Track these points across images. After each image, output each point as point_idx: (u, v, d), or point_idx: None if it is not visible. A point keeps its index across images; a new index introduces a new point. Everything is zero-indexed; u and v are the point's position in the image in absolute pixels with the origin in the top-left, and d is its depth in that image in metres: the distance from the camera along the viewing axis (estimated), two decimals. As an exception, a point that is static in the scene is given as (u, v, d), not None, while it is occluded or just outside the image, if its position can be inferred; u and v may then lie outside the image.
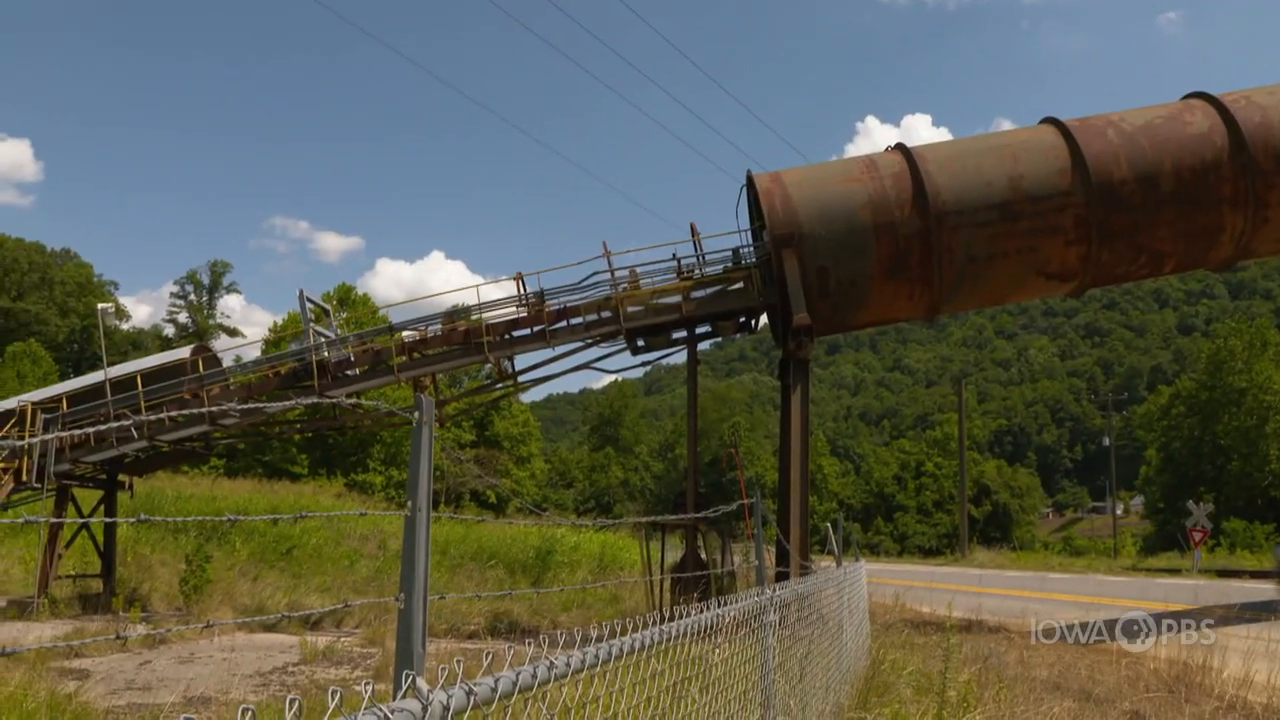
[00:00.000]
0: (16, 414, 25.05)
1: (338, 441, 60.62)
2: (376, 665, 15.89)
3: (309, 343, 23.36)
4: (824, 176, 22.12)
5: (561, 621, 23.03)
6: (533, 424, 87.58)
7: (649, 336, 22.79)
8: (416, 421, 2.74)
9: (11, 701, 9.99)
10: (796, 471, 20.71)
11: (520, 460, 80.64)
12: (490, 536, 37.52)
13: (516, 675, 2.74)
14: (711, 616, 5.02)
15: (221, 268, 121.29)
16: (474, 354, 22.81)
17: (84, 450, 24.14)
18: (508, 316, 22.84)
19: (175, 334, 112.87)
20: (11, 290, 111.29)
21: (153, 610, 24.35)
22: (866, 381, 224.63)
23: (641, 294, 22.22)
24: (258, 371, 25.22)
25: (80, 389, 26.41)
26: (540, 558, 35.02)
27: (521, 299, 22.69)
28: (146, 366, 26.15)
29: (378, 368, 23.21)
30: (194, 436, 24.71)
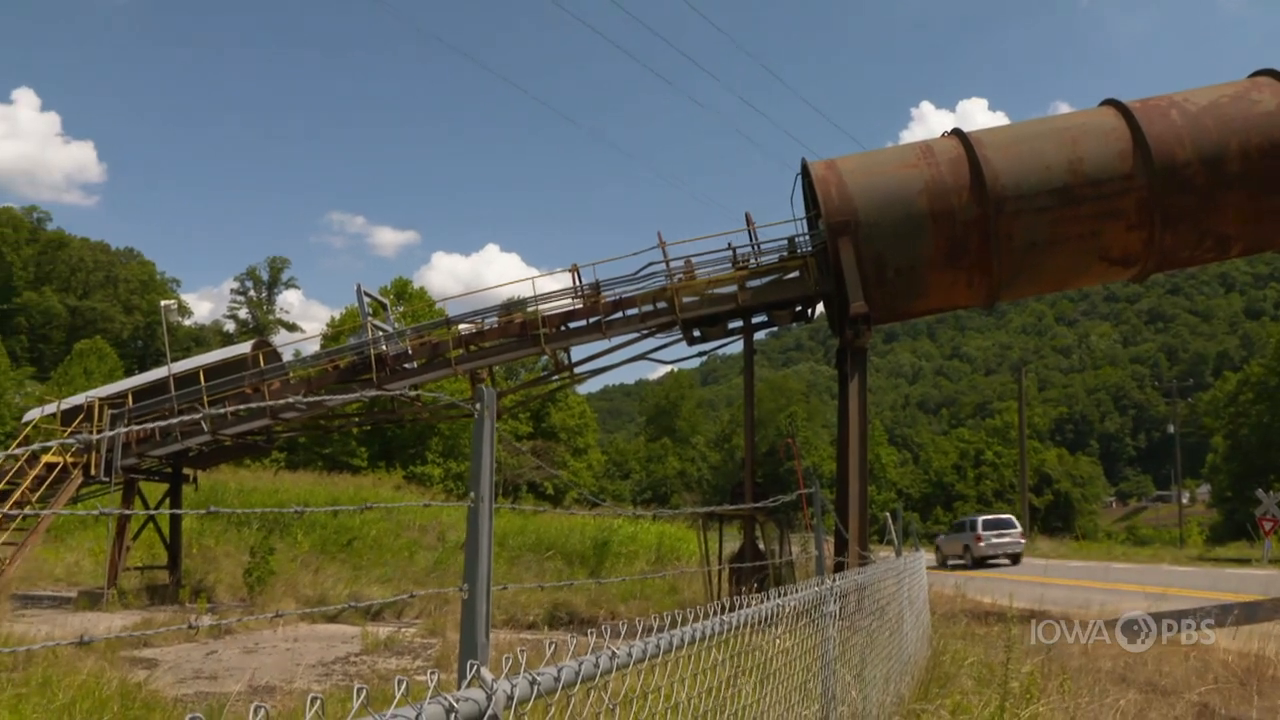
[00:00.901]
0: (85, 409, 25.58)
1: (396, 434, 61.16)
2: (437, 655, 16.04)
3: (367, 337, 23.59)
4: (880, 163, 21.91)
5: (620, 612, 23.09)
6: (589, 415, 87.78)
7: (705, 327, 22.74)
8: (478, 413, 2.74)
9: (85, 689, 10.20)
10: (855, 461, 20.58)
11: (577, 452, 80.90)
12: (547, 528, 37.71)
13: (579, 665, 2.74)
14: (771, 607, 5.00)
15: (280, 264, 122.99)
16: (530, 346, 22.89)
17: (149, 444, 24.58)
18: (564, 308, 22.88)
19: (236, 329, 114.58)
20: (78, 289, 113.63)
21: (218, 601, 24.77)
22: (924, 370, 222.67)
23: (697, 284, 22.17)
24: (317, 366, 25.52)
25: (145, 384, 26.91)
26: (597, 549, 35.13)
27: (577, 290, 22.72)
28: (208, 362, 26.59)
29: (435, 361, 23.37)
30: (255, 430, 25.07)
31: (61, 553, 31.81)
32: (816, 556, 7.81)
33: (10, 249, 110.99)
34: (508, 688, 2.32)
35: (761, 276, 22.39)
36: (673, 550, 38.45)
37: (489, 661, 2.55)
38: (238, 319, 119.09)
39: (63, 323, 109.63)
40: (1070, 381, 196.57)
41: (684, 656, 3.71)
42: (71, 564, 30.43)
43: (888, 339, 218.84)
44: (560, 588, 23.73)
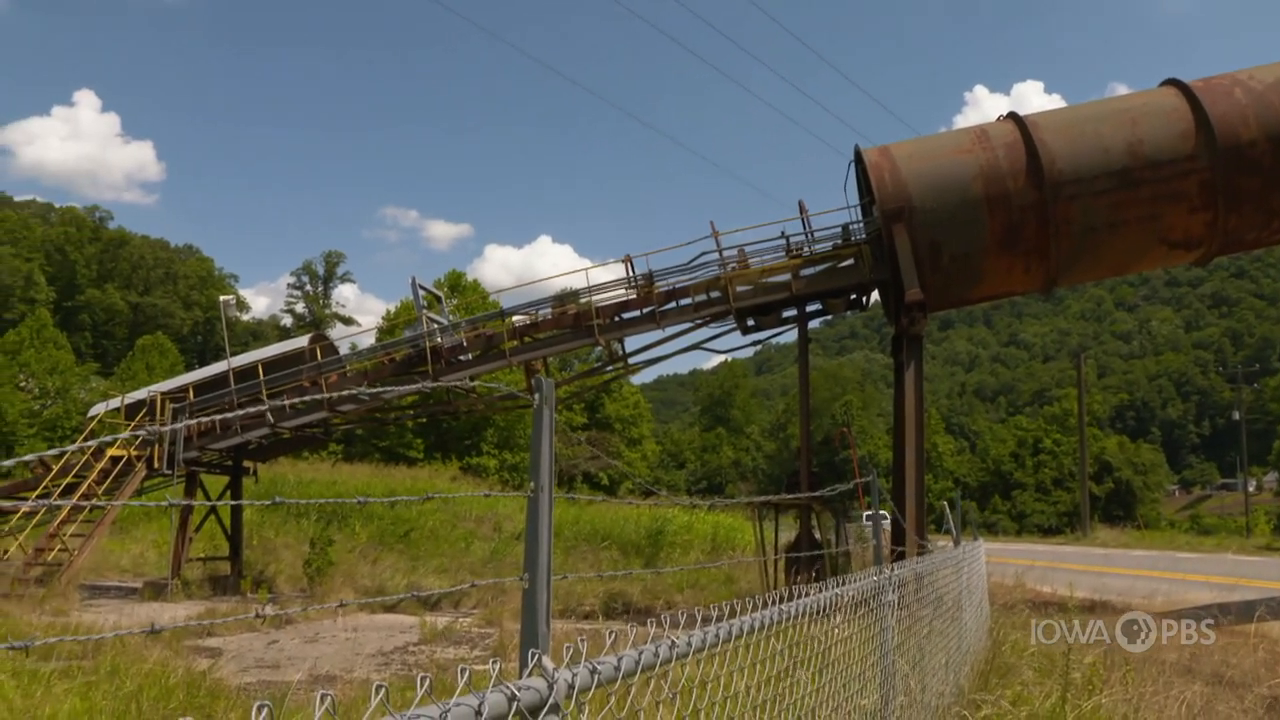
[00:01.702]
0: (148, 404, 26.02)
1: (452, 426, 61.59)
2: (494, 645, 16.15)
3: (422, 329, 23.75)
4: (934, 149, 21.67)
5: (676, 602, 23.10)
6: (643, 405, 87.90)
7: (759, 316, 22.65)
8: (537, 403, 2.74)
9: (152, 677, 10.39)
10: (912, 449, 20.42)
11: (631, 442, 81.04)
12: (602, 518, 37.81)
13: (639, 654, 2.74)
14: (829, 596, 4.98)
15: (335, 258, 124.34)
16: (584, 337, 22.93)
17: (210, 438, 24.94)
18: (617, 299, 22.89)
19: (293, 324, 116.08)
20: (139, 285, 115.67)
21: (278, 591, 25.10)
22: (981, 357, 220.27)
23: (750, 273, 22.09)
24: (373, 358, 25.74)
25: (205, 379, 27.32)
26: (652, 539, 35.16)
27: (630, 281, 22.72)
28: (267, 356, 26.90)
29: (490, 352, 23.49)
30: (314, 423, 25.34)
31: (127, 544, 32.41)
32: (874, 545, 7.76)
33: (74, 248, 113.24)
34: (569, 676, 2.32)
35: (815, 265, 22.25)
36: (728, 540, 38.42)
37: (550, 650, 2.56)
38: (294, 313, 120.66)
39: (125, 319, 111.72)
40: (1131, 368, 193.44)
41: (742, 646, 3.71)
42: (137, 555, 30.99)
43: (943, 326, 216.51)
44: (616, 578, 23.80)
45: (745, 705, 3.81)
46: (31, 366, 75.84)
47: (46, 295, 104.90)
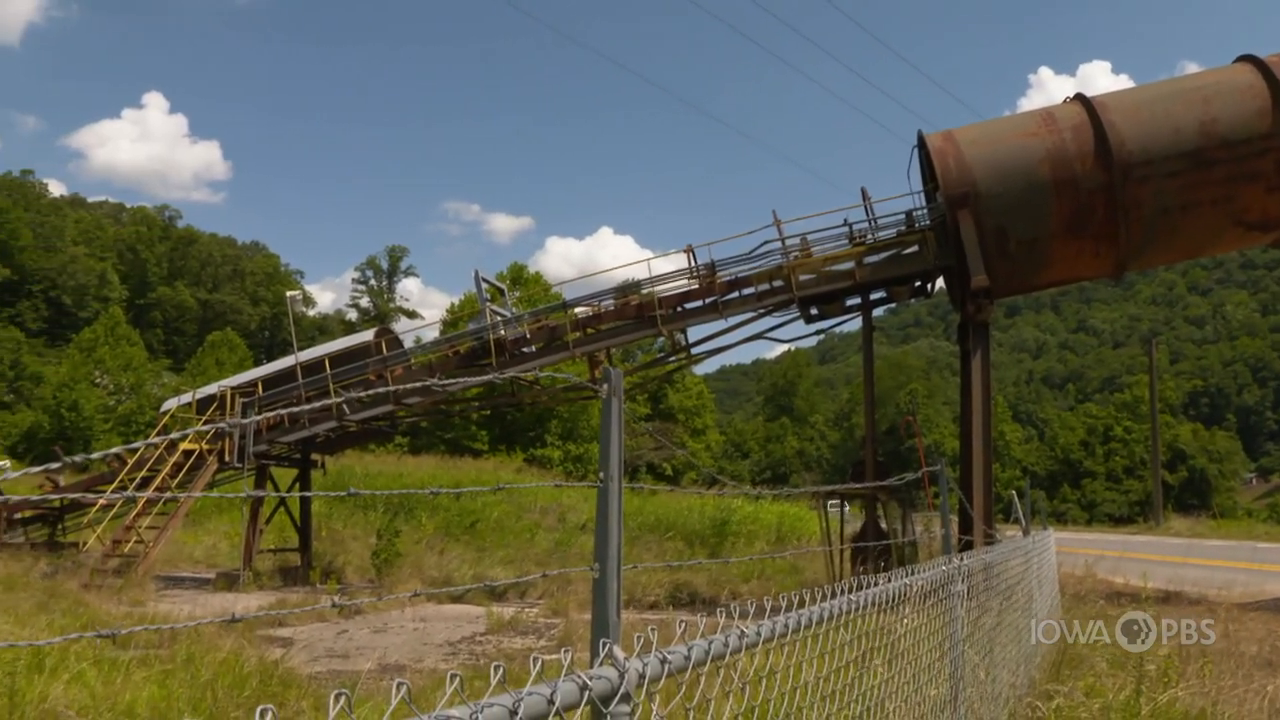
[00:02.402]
0: (218, 399, 26.48)
1: (516, 418, 61.93)
2: (560, 635, 16.22)
3: (486, 322, 23.89)
4: (999, 132, 21.37)
5: (741, 592, 23.05)
6: (706, 396, 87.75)
7: (822, 304, 22.51)
8: (605, 393, 2.74)
9: (226, 666, 10.57)
10: (979, 438, 20.19)
11: (695, 432, 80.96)
12: (666, 508, 37.80)
13: (709, 644, 2.73)
14: (898, 586, 4.93)
15: (399, 253, 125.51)
16: (647, 328, 22.94)
17: (279, 431, 25.32)
18: (679, 289, 22.86)
19: (358, 318, 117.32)
20: (208, 283, 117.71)
21: (347, 582, 25.43)
22: (1049, 344, 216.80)
23: (813, 261, 21.95)
24: (438, 351, 25.95)
25: (273, 373, 27.74)
26: (716, 529, 35.09)
27: (693, 271, 22.68)
28: (333, 350, 27.25)
29: (553, 344, 23.57)
30: (380, 416, 25.63)
31: (199, 536, 33.04)
32: (943, 535, 7.68)
33: (145, 247, 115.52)
34: (639, 666, 2.32)
35: (879, 252, 22.06)
36: (793, 530, 38.25)
37: (620, 640, 2.55)
38: (359, 307, 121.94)
39: (194, 315, 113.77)
40: (1205, 353, 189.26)
41: (810, 636, 3.68)
42: (209, 547, 31.59)
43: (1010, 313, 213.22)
44: (681, 567, 23.81)
45: (815, 695, 3.79)
46: (106, 363, 77.53)
47: (119, 293, 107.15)
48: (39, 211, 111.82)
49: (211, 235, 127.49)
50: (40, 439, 71.20)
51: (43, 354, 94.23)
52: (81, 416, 71.32)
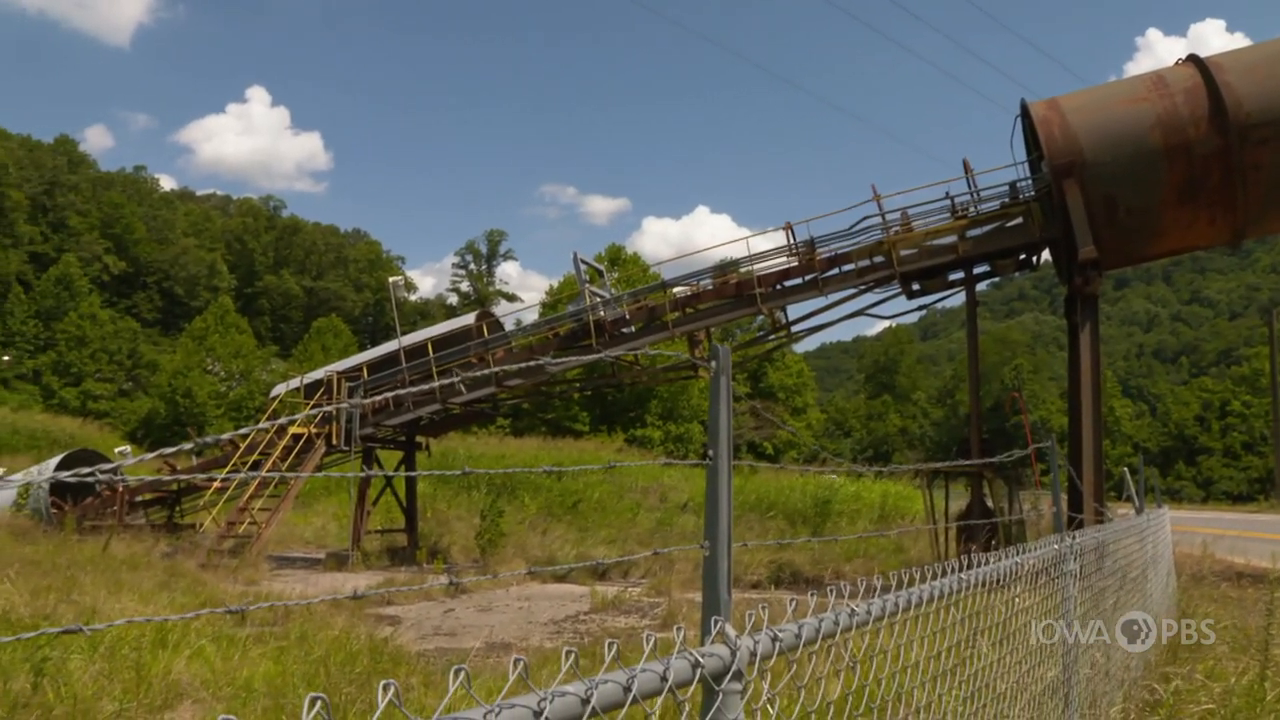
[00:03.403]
0: (325, 383, 27.08)
1: (616, 398, 62.25)
2: (664, 614, 16.27)
3: (585, 303, 24.01)
4: (1106, 99, 20.73)
5: (844, 571, 22.89)
6: (807, 374, 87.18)
7: (924, 279, 22.16)
8: (714, 371, 2.71)
9: (337, 643, 10.83)
10: (1089, 414, 19.71)
11: (796, 411, 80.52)
12: (768, 487, 37.70)
13: (819, 622, 2.70)
14: (1009, 565, 4.84)
15: (498, 237, 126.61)
16: (746, 306, 22.83)
17: (384, 414, 25.78)
18: (778, 267, 22.70)
19: (458, 302, 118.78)
20: (312, 270, 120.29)
21: (452, 562, 25.84)
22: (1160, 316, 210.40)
23: (914, 236, 21.60)
24: (538, 334, 26.17)
25: (378, 358, 28.26)
26: (818, 508, 34.89)
27: (792, 248, 22.49)
28: (436, 334, 27.66)
29: (652, 324, 23.59)
30: (482, 398, 25.94)
31: (309, 518, 33.89)
32: (1055, 513, 7.51)
33: (251, 237, 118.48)
34: (750, 644, 2.30)
35: (982, 225, 21.62)
36: (896, 509, 37.82)
37: (731, 618, 2.53)
38: (459, 292, 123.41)
39: (300, 303, 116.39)
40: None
41: (920, 615, 3.63)
42: (319, 528, 32.38)
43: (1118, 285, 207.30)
44: (785, 546, 23.72)
45: (925, 675, 3.74)
46: (217, 351, 79.83)
47: (228, 283, 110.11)
48: (151, 206, 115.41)
49: (315, 224, 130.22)
50: (157, 425, 73.72)
51: (158, 343, 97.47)
52: (195, 403, 73.65)
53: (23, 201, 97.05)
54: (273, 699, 8.30)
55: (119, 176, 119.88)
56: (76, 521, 25.25)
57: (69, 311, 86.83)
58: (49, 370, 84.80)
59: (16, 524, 24.26)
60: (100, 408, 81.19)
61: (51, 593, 13.45)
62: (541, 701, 1.58)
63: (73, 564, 17.20)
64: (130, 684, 8.27)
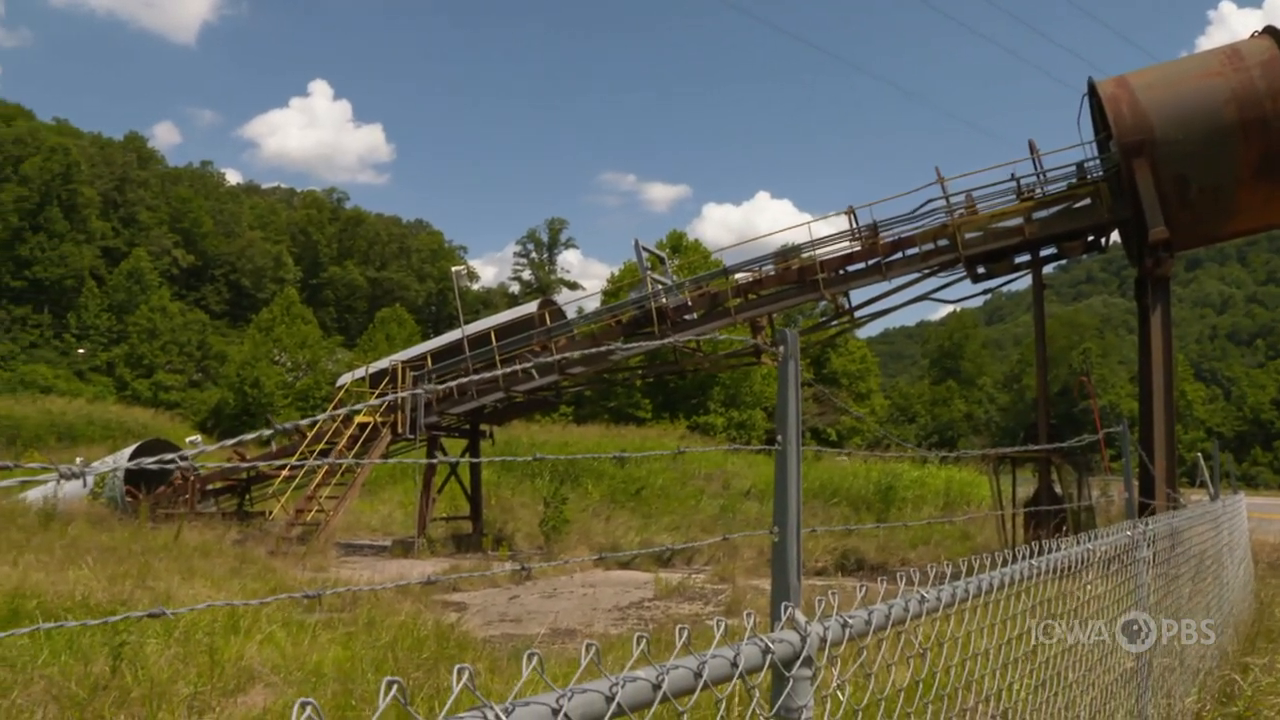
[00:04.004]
0: (390, 372, 27.35)
1: (679, 385, 62.23)
2: (728, 600, 16.25)
3: (647, 290, 24.00)
4: (1177, 75, 20.28)
5: (910, 559, 22.73)
6: (870, 360, 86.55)
7: (989, 263, 21.87)
8: (782, 355, 2.68)
9: (405, 628, 10.95)
10: (1160, 398, 19.35)
11: (859, 396, 80.00)
12: (831, 473, 37.53)
13: (889, 608, 2.67)
14: (1080, 551, 4.76)
15: (558, 225, 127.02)
16: (809, 292, 22.69)
17: (449, 403, 25.97)
18: (841, 251, 22.52)
19: (520, 291, 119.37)
20: (375, 261, 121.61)
21: (517, 549, 26.01)
22: (1235, 298, 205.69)
23: (979, 219, 21.31)
24: (600, 321, 26.20)
25: (441, 347, 28.49)
26: (883, 494, 34.65)
27: (854, 233, 22.30)
28: (498, 322, 27.81)
29: (714, 311, 23.53)
30: (545, 386, 26.04)
31: (375, 506, 34.29)
32: (1126, 499, 7.38)
33: (316, 229, 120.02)
34: (820, 630, 2.28)
35: (1048, 207, 21.27)
36: (962, 495, 37.46)
37: (801, 604, 2.51)
38: (521, 280, 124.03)
39: (364, 293, 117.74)
40: None
41: (991, 602, 3.58)
42: (385, 516, 32.76)
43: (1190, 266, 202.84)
44: (851, 532, 23.58)
45: (996, 662, 3.69)
46: (284, 341, 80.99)
47: (294, 274, 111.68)
48: (218, 200, 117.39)
49: (378, 215, 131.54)
50: (226, 415, 75.05)
51: (226, 334, 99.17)
52: (263, 393, 74.83)
53: (95, 198, 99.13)
54: (342, 683, 8.42)
55: (187, 172, 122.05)
56: (150, 509, 25.79)
57: (140, 305, 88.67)
58: (122, 362, 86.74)
59: (93, 512, 24.82)
60: (171, 398, 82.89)
61: (127, 579, 13.74)
62: (613, 687, 1.58)
63: (147, 551, 17.55)
64: (204, 668, 8.43)
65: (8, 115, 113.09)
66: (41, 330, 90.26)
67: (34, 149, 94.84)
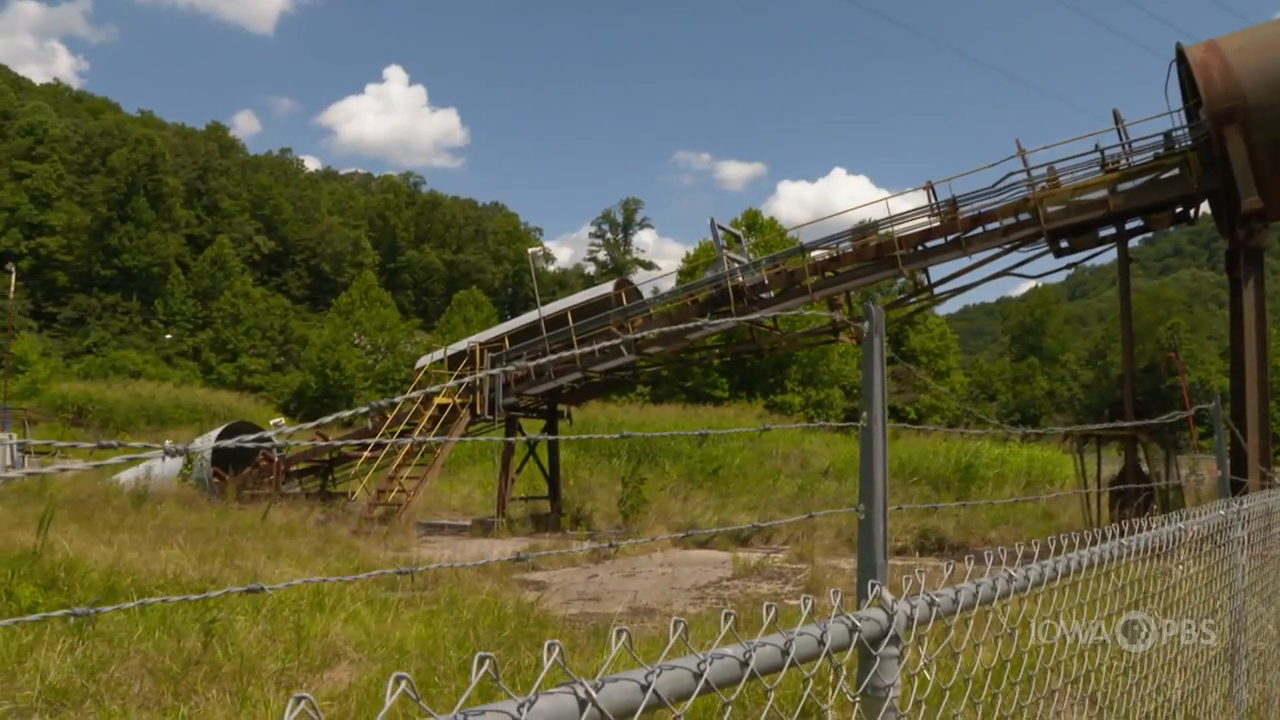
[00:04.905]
0: (468, 354, 27.59)
1: (755, 364, 62.01)
2: (807, 579, 16.17)
3: (724, 269, 23.90)
4: (1271, 38, 19.61)
5: (991, 538, 22.42)
6: (949, 337, 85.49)
7: (1072, 237, 21.42)
8: (867, 331, 2.64)
9: (486, 607, 11.06)
10: (1253, 373, 18.84)
11: (938, 374, 79.09)
12: (909, 451, 37.12)
13: (976, 587, 2.62)
14: (1172, 531, 4.65)
15: (633, 205, 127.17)
16: (887, 268, 22.45)
17: (526, 384, 26.13)
18: (920, 227, 22.22)
19: (596, 271, 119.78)
20: (452, 244, 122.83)
21: (595, 528, 26.14)
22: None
23: (1062, 191, 20.86)
24: (676, 301, 26.17)
25: (518, 328, 28.65)
26: (962, 473, 34.22)
27: (933, 208, 21.99)
28: (575, 303, 27.88)
29: (791, 289, 23.38)
30: (622, 366, 26.09)
31: (455, 486, 34.68)
32: (1219, 477, 7.19)
33: (393, 213, 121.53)
34: (907, 608, 2.25)
35: (1134, 178, 20.75)
36: (1044, 474, 36.85)
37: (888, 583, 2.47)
38: (597, 261, 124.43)
39: (441, 276, 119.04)
40: None
41: (1081, 581, 3.51)
42: (464, 496, 33.12)
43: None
44: (930, 512, 23.35)
45: (1084, 644, 3.62)
46: (363, 324, 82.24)
47: (372, 259, 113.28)
48: (297, 186, 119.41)
49: (454, 198, 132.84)
50: (308, 397, 76.48)
51: (307, 319, 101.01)
52: (344, 375, 76.13)
53: (179, 187, 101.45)
54: (425, 660, 8.53)
55: (267, 160, 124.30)
56: (237, 490, 26.35)
57: (224, 291, 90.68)
58: (207, 347, 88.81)
59: (183, 493, 25.43)
60: (255, 381, 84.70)
61: (216, 558, 14.06)
62: (701, 664, 1.56)
63: (234, 530, 17.94)
64: (291, 644, 8.59)
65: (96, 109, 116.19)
66: (130, 317, 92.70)
67: (121, 141, 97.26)
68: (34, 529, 12.49)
